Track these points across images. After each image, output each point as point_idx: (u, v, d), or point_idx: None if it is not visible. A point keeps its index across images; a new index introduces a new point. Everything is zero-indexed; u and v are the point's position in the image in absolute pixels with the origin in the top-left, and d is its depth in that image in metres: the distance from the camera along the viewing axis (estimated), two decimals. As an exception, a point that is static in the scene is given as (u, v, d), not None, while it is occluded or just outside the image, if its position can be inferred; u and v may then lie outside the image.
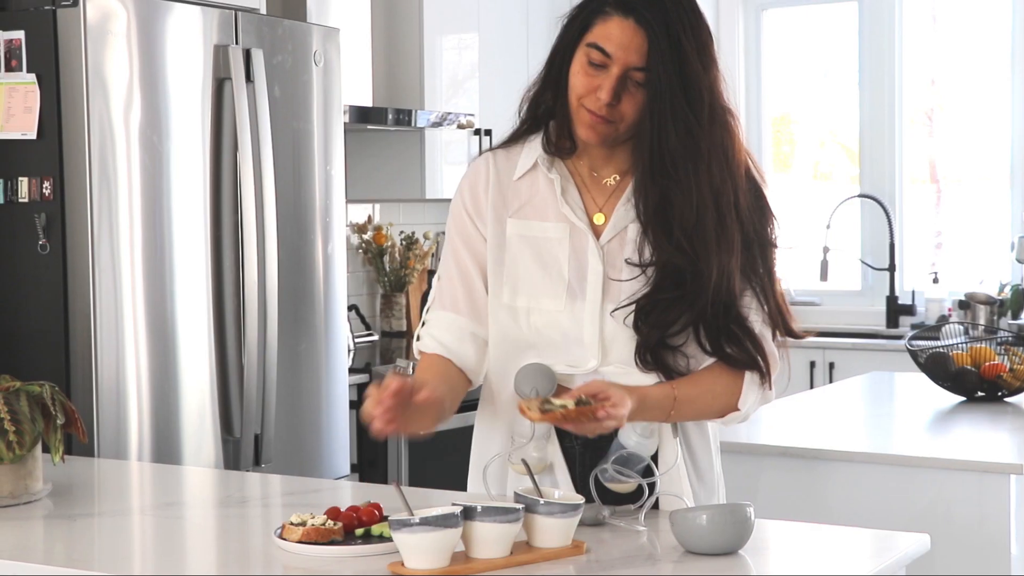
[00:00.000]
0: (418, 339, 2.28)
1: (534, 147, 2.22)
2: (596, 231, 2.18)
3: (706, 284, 2.09)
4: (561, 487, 2.16)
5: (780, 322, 2.20)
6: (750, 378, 2.16)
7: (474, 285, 2.23)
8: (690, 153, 2.07)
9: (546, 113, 2.20)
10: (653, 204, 2.10)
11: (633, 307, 2.12)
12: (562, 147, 2.19)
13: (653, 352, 2.13)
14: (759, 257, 2.16)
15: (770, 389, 2.20)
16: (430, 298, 2.30)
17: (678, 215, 2.08)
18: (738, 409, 2.17)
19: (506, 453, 2.20)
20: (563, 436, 2.20)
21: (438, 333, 2.24)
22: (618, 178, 2.20)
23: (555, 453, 2.19)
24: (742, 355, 2.14)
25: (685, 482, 2.18)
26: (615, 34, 2.07)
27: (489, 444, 2.26)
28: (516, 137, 2.25)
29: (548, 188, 2.20)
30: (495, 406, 2.25)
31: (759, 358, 2.15)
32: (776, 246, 2.20)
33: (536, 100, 2.20)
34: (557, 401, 2.00)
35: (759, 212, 2.18)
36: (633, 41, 2.06)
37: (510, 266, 2.20)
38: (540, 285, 2.18)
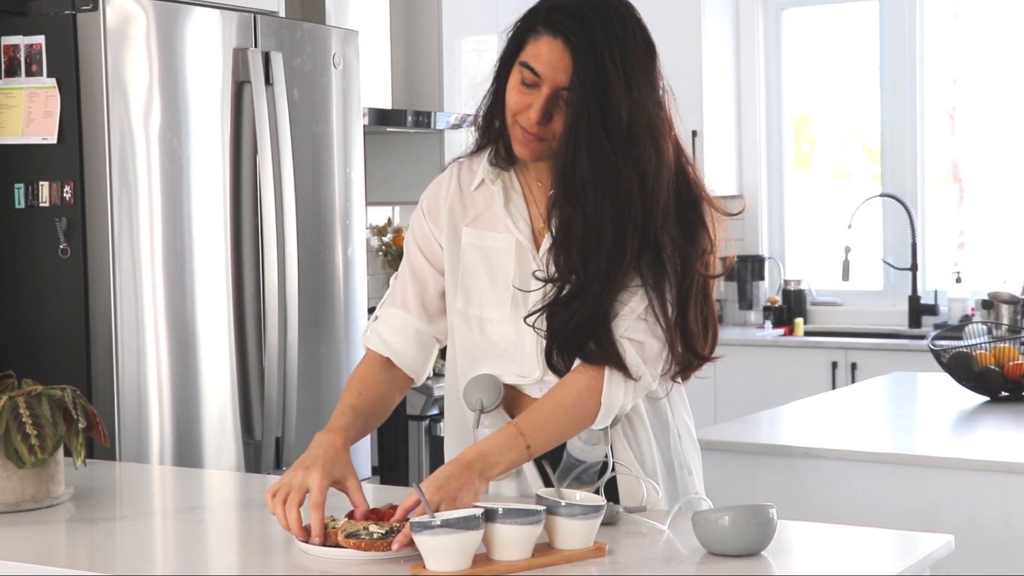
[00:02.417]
0: (367, 333, 2.35)
1: (484, 160, 2.27)
2: (539, 242, 2.23)
3: (591, 301, 2.10)
4: (532, 489, 2.20)
5: (682, 337, 2.17)
6: (610, 373, 2.12)
7: (426, 285, 2.32)
8: (600, 177, 2.07)
9: (502, 125, 2.21)
10: (560, 225, 2.13)
11: (543, 313, 2.15)
12: (503, 159, 2.24)
13: (560, 356, 2.16)
14: (671, 273, 2.15)
15: (640, 380, 2.14)
16: (385, 295, 2.38)
17: (578, 239, 2.10)
18: (601, 404, 2.13)
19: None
20: None
21: (384, 331, 2.33)
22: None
23: None
24: (598, 351, 2.12)
25: (637, 471, 2.23)
26: (544, 54, 2.09)
27: (460, 446, 2.30)
28: (479, 147, 2.29)
29: (497, 199, 2.25)
30: (463, 411, 2.29)
31: (613, 352, 2.12)
32: (699, 264, 2.17)
33: (489, 112, 2.23)
34: (374, 527, 1.98)
35: (688, 228, 2.16)
36: (561, 61, 2.08)
37: (464, 274, 2.26)
38: (488, 295, 2.24)
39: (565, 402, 2.13)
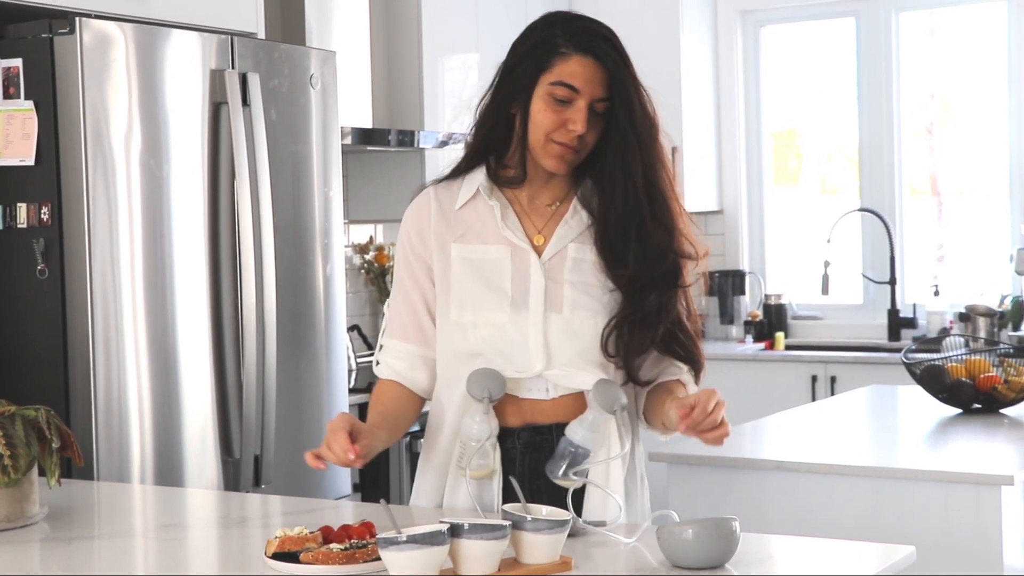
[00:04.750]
0: (376, 364, 2.47)
1: (474, 178, 2.40)
2: (537, 251, 2.36)
3: (671, 289, 2.34)
4: (497, 491, 2.29)
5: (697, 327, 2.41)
6: (689, 376, 2.40)
7: (419, 313, 2.42)
8: (649, 163, 2.31)
9: (490, 148, 2.38)
10: (618, 213, 2.32)
11: (614, 322, 2.33)
12: (510, 177, 2.38)
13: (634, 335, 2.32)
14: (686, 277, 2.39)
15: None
16: (383, 324, 2.49)
17: (646, 223, 2.31)
18: None
19: (454, 459, 2.33)
20: (504, 440, 2.33)
21: (392, 361, 2.45)
22: (558, 204, 2.39)
23: (496, 459, 2.32)
24: (686, 354, 2.37)
25: (619, 476, 2.33)
26: (579, 71, 2.28)
27: (435, 452, 2.39)
28: (457, 172, 2.43)
29: (488, 214, 2.37)
30: (443, 415, 2.38)
31: (698, 356, 2.38)
32: (685, 272, 2.39)
33: (487, 138, 2.37)
34: (336, 545, 2.03)
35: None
36: (596, 75, 2.28)
37: (456, 286, 2.36)
38: (484, 300, 2.34)
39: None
